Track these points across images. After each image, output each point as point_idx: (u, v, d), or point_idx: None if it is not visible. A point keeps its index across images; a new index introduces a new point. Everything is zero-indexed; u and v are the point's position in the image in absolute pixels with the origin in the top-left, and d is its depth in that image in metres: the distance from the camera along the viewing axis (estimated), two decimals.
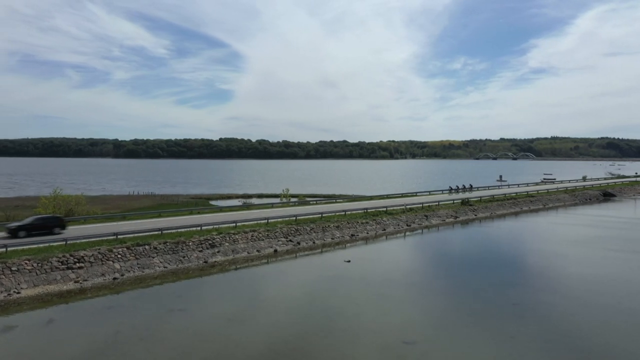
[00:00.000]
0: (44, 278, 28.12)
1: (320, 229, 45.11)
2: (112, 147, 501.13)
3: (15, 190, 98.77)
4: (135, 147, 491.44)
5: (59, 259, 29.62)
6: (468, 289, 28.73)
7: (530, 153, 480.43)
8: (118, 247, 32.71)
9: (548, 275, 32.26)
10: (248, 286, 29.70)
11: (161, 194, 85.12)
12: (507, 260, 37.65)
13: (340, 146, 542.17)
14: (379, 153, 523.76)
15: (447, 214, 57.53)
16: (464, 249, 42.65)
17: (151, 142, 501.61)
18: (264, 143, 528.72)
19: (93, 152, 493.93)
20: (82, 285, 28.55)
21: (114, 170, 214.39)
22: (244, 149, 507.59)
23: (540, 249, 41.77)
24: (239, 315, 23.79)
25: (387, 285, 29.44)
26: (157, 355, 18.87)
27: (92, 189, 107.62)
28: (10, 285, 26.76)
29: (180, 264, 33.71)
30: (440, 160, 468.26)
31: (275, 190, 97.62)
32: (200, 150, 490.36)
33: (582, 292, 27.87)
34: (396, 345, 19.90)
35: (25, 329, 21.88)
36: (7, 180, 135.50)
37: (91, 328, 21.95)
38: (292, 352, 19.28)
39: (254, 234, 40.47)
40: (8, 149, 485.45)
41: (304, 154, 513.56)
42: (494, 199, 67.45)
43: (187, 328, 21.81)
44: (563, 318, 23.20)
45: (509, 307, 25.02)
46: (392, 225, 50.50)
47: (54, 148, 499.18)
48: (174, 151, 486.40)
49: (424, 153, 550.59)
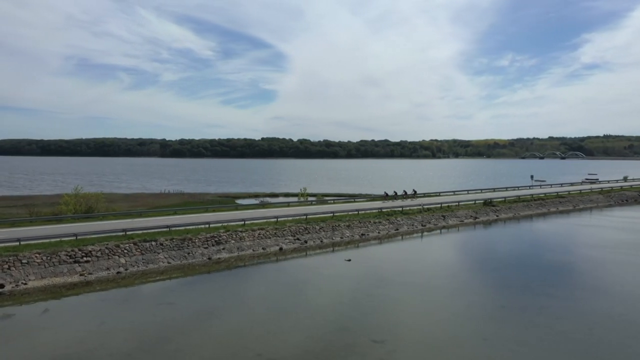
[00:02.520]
0: (51, 271, 29.85)
1: (330, 228, 45.31)
2: (159, 147, 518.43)
3: (59, 188, 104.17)
4: (181, 146, 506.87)
5: (67, 253, 31.34)
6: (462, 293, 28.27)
7: (579, 152, 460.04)
8: (125, 243, 34.19)
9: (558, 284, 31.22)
10: (235, 283, 30.43)
11: (190, 193, 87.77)
12: (521, 261, 36.62)
13: (382, 145, 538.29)
14: (421, 152, 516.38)
15: (466, 215, 56.35)
16: (473, 250, 41.77)
17: (196, 142, 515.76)
18: (305, 142, 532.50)
19: (141, 152, 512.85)
20: (86, 278, 30.10)
21: (157, 170, 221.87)
22: (285, 149, 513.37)
23: (545, 253, 40.33)
24: (217, 311, 24.53)
25: (381, 285, 29.42)
26: (132, 342, 19.79)
27: (132, 187, 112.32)
28: (19, 276, 28.59)
29: (185, 260, 34.85)
30: (483, 160, 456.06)
31: (313, 189, 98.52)
32: (242, 150, 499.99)
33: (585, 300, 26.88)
34: (364, 344, 19.98)
35: (21, 318, 23.42)
36: (56, 179, 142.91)
37: (80, 318, 23.27)
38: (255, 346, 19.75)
39: (261, 232, 41.22)
40: (63, 149, 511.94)
41: (345, 153, 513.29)
42: (520, 200, 65.39)
43: (171, 320, 22.73)
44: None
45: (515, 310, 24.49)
46: (405, 225, 50.04)
47: (104, 148, 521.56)
48: (217, 151, 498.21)
49: (468, 152, 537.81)
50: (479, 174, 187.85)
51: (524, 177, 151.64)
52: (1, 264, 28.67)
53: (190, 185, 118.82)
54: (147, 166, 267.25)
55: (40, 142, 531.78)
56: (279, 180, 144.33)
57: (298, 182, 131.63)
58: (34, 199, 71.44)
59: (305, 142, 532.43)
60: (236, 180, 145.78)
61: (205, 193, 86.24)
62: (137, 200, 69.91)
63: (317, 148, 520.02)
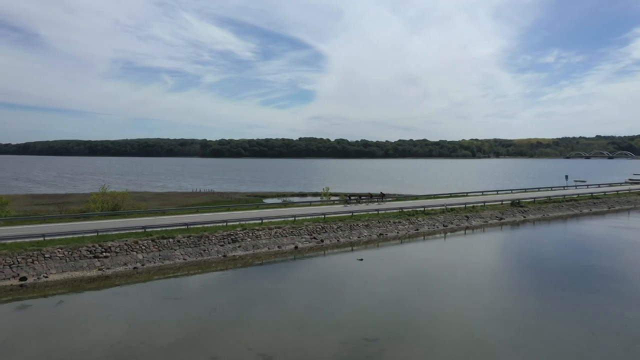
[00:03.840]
0: (71, 265, 31.35)
1: (348, 228, 45.37)
2: (199, 147, 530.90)
3: (99, 187, 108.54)
4: (220, 146, 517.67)
5: (88, 249, 32.82)
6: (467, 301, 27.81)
7: (628, 152, 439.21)
8: (144, 240, 35.46)
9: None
10: (241, 281, 30.99)
11: (219, 192, 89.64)
12: (543, 265, 35.64)
13: (420, 145, 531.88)
14: (460, 152, 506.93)
15: (491, 216, 55.10)
16: (496, 251, 40.90)
17: (235, 142, 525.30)
18: (343, 142, 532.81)
19: (182, 152, 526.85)
20: (104, 272, 31.43)
21: (195, 169, 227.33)
22: (322, 148, 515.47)
23: (575, 256, 38.95)
24: (220, 306, 25.18)
25: (390, 284, 29.37)
26: (136, 333, 20.65)
27: (167, 186, 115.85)
28: (41, 270, 30.18)
29: (200, 257, 35.78)
30: (525, 160, 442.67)
31: (337, 188, 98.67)
32: (280, 150, 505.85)
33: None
34: (357, 342, 20.07)
35: (38, 308, 24.77)
36: (98, 178, 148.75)
37: (91, 310, 24.41)
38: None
39: (278, 230, 41.78)
40: (109, 149, 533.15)
41: (382, 153, 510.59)
42: (550, 200, 63.29)
43: (174, 314, 23.53)
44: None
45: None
46: (426, 226, 49.47)
47: (148, 148, 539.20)
48: (255, 150, 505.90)
49: (509, 152, 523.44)
50: (518, 174, 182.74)
51: (560, 177, 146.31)
52: (25, 258, 30.34)
53: (223, 185, 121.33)
54: (185, 166, 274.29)
55: (88, 142, 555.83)
56: (312, 180, 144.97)
57: (330, 182, 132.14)
58: (72, 197, 74.87)
59: (343, 142, 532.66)
60: (269, 180, 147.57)
61: (235, 192, 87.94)
62: (168, 199, 72.07)
63: (354, 148, 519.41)
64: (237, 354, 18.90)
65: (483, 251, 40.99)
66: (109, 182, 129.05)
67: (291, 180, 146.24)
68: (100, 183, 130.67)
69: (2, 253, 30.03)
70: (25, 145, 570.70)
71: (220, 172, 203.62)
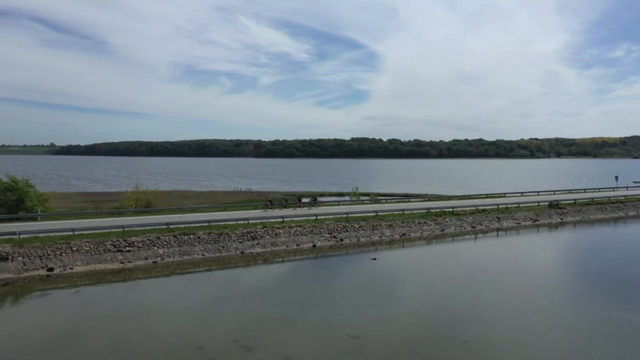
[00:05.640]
0: (96, 258, 33.45)
1: (370, 227, 45.32)
2: (253, 148, 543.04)
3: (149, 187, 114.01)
4: (274, 147, 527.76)
5: (112, 243, 34.87)
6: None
7: None
8: (166, 235, 37.19)
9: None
10: (243, 278, 31.88)
11: (257, 191, 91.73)
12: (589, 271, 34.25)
13: (475, 145, 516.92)
14: (518, 152, 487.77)
15: (525, 217, 53.10)
16: (522, 254, 39.54)
17: (288, 143, 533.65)
18: (395, 142, 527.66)
19: (237, 152, 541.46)
20: (125, 266, 33.31)
21: (245, 169, 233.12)
22: (374, 149, 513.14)
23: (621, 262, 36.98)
24: (220, 298, 26.15)
25: (393, 285, 29.32)
26: (136, 326, 21.96)
27: (215, 185, 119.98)
28: (68, 262, 32.42)
29: (218, 253, 37.07)
30: (588, 160, 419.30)
31: (378, 188, 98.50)
32: (332, 150, 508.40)
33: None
34: (341, 339, 20.32)
35: (56, 296, 26.77)
36: (152, 177, 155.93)
37: (104, 299, 26.12)
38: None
39: (298, 228, 42.43)
40: (169, 150, 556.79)
41: (436, 153, 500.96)
42: (593, 202, 60.07)
43: (180, 305, 24.75)
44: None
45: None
46: (452, 227, 48.51)
47: (204, 149, 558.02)
48: (307, 151, 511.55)
49: (571, 152, 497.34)
50: (574, 175, 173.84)
51: (627, 178, 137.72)
52: (54, 250, 32.70)
53: (268, 184, 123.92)
54: (237, 166, 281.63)
55: (149, 143, 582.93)
56: (356, 180, 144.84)
57: (375, 182, 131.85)
58: (120, 195, 79.00)
59: (395, 142, 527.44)
60: (314, 180, 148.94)
61: (273, 192, 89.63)
62: (207, 197, 74.71)
63: (407, 148, 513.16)
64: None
65: (534, 251, 39.76)
66: (160, 181, 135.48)
67: (336, 180, 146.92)
68: (153, 182, 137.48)
69: (35, 245, 32.55)
70: (92, 147, 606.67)
71: (269, 172, 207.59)
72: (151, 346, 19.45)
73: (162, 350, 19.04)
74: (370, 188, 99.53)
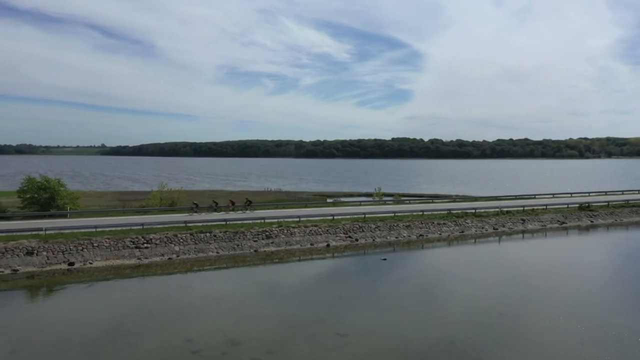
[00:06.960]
0: (115, 254, 35.05)
1: (387, 228, 45.19)
2: (294, 148, 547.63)
3: (187, 187, 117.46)
4: (314, 147, 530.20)
5: (131, 240, 36.46)
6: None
7: None
8: (183, 233, 38.49)
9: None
10: (256, 275, 32.54)
11: (286, 191, 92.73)
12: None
13: (520, 144, 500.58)
14: (566, 152, 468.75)
15: (552, 219, 51.40)
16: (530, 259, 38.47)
17: (328, 143, 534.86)
18: (436, 142, 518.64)
19: (277, 153, 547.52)
20: (141, 262, 34.75)
21: (283, 170, 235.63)
22: (415, 149, 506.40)
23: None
24: (223, 295, 26.95)
25: (398, 286, 29.31)
26: (136, 317, 23.07)
27: (252, 186, 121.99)
28: (88, 257, 34.17)
29: (232, 251, 38.01)
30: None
31: (409, 189, 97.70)
32: (372, 150, 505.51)
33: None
34: (330, 336, 20.63)
35: (71, 290, 28.37)
36: (191, 178, 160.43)
37: (114, 294, 27.45)
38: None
39: (314, 228, 42.88)
40: (212, 151, 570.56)
41: (479, 153, 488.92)
42: (627, 204, 57.37)
43: (183, 301, 25.76)
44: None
45: None
46: (473, 228, 47.64)
47: (246, 149, 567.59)
48: (347, 151, 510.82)
49: (623, 152, 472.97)
50: (621, 175, 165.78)
51: None
52: (77, 246, 34.54)
53: (302, 185, 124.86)
54: (276, 166, 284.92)
55: (193, 144, 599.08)
56: (391, 180, 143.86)
57: (408, 183, 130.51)
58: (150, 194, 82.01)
59: (437, 142, 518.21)
60: (349, 180, 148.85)
61: (302, 192, 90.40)
62: (237, 197, 76.06)
63: (448, 148, 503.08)
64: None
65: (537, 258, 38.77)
66: (197, 181, 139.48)
67: (369, 180, 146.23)
68: (190, 182, 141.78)
69: (59, 241, 34.49)
70: (139, 147, 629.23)
71: (306, 172, 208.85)
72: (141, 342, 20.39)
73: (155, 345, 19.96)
74: (402, 189, 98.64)
